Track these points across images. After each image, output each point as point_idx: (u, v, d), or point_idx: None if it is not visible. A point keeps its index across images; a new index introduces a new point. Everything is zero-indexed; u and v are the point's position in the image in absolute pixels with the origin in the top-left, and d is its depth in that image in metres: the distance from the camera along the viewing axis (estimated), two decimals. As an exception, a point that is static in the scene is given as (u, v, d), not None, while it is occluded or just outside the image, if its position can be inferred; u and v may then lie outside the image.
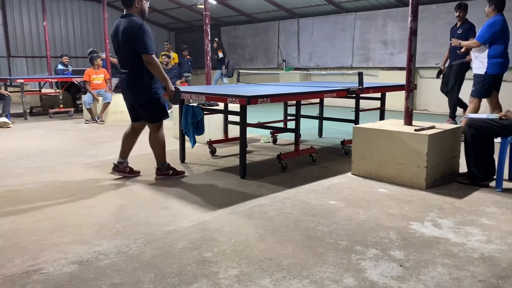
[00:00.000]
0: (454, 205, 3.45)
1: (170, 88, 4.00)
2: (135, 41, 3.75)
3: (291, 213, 3.27)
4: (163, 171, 4.24)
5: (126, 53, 3.89)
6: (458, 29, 6.87)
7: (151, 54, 3.78)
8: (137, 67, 3.86)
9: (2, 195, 3.76)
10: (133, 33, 3.75)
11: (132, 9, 3.90)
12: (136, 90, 3.97)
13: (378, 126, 4.29)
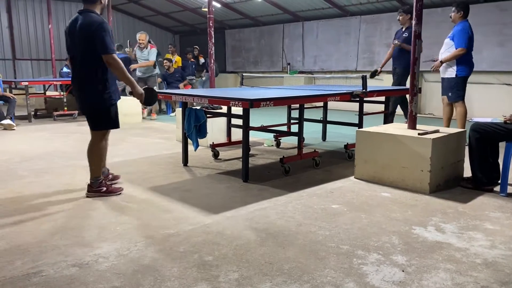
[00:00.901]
0: (457, 209, 3.42)
1: (137, 91, 3.67)
2: (93, 40, 3.42)
3: (293, 217, 3.25)
4: (95, 187, 3.76)
5: (80, 52, 3.52)
6: (404, 33, 6.99)
7: (112, 53, 3.46)
8: (90, 69, 3.52)
9: (5, 197, 3.77)
10: (91, 31, 3.42)
11: (95, 5, 3.58)
12: (87, 94, 3.61)
13: (382, 130, 4.27)
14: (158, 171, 4.74)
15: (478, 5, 9.11)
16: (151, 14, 15.62)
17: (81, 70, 3.57)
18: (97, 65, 3.49)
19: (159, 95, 5.54)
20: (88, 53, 3.47)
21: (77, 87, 3.66)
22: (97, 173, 3.76)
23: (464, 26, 5.76)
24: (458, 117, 5.94)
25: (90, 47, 3.45)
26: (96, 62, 3.48)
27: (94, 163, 3.76)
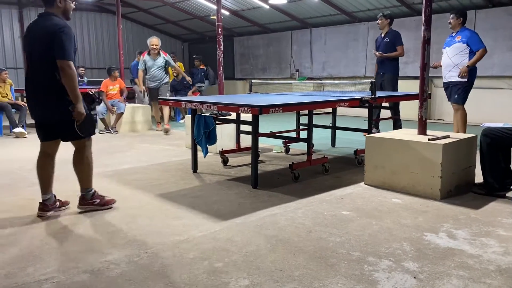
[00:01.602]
0: (469, 215, 3.38)
1: (79, 109, 3.22)
2: (53, 44, 3.12)
3: (303, 223, 3.24)
4: (88, 200, 3.55)
5: (39, 58, 3.23)
6: (385, 38, 7.10)
7: (68, 60, 3.14)
8: (49, 76, 3.20)
9: (17, 204, 3.81)
10: (50, 34, 3.13)
11: (53, 8, 3.28)
12: (51, 104, 3.26)
13: (391, 136, 4.25)
14: (167, 177, 4.75)
15: (487, 10, 9.08)
16: (160, 22, 15.76)
17: (43, 78, 3.23)
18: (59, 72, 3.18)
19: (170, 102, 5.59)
20: (49, 60, 3.16)
21: (36, 97, 3.31)
22: (88, 184, 3.54)
23: (470, 30, 5.97)
24: (461, 120, 5.95)
25: (50, 52, 3.15)
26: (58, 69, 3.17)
27: (83, 173, 3.51)
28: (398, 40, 7.01)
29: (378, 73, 7.24)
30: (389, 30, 7.13)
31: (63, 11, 3.35)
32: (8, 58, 13.59)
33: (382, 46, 7.10)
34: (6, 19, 13.57)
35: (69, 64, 3.15)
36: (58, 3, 3.29)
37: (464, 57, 5.90)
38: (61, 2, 3.30)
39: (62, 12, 3.33)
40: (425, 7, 4.04)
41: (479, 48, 5.79)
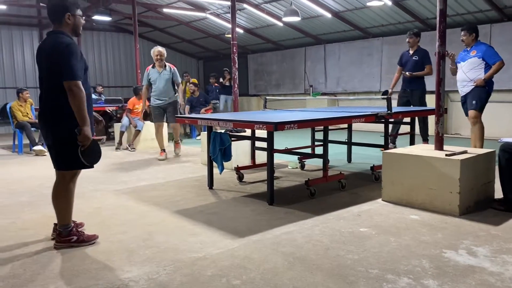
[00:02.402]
0: (490, 232, 3.33)
1: (85, 132, 3.02)
2: (59, 63, 2.97)
3: (320, 240, 3.22)
4: (64, 237, 3.19)
5: (47, 78, 3.09)
6: (414, 56, 7.16)
7: (76, 80, 2.96)
8: (57, 96, 3.03)
9: (37, 222, 3.88)
10: (57, 52, 2.98)
11: (61, 25, 3.11)
12: (52, 126, 3.10)
13: (408, 151, 4.23)
14: (184, 194, 4.79)
15: (502, 24, 9.03)
16: (176, 41, 16.04)
17: (48, 98, 3.10)
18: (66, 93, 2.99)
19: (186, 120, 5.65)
20: (56, 79, 2.99)
21: (43, 117, 3.15)
22: (66, 220, 3.21)
23: (485, 44, 5.98)
24: (478, 134, 5.88)
25: (57, 72, 2.98)
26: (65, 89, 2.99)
27: (61, 208, 3.21)
28: (427, 59, 7.06)
29: (405, 90, 7.24)
30: (418, 48, 7.18)
31: (73, 28, 3.17)
32: (29, 77, 13.95)
33: (411, 63, 7.15)
34: (27, 40, 13.96)
35: (76, 84, 2.96)
36: (66, 20, 3.10)
37: (479, 71, 5.87)
38: (69, 18, 3.11)
39: (71, 29, 3.16)
40: (439, 24, 4.05)
41: (495, 61, 5.76)
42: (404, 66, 7.31)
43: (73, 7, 3.13)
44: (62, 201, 3.21)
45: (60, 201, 3.21)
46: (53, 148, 3.16)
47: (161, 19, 13.73)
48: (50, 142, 3.17)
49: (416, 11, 9.81)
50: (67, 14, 3.09)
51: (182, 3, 12.17)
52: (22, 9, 13.18)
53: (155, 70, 7.14)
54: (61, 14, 3.09)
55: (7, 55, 13.57)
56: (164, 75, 7.11)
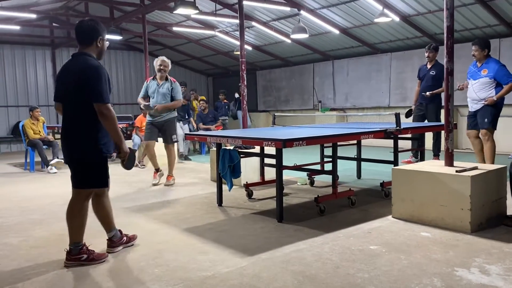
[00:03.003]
0: (502, 250, 3.28)
1: (124, 149, 3.22)
2: (86, 86, 3.07)
3: (330, 258, 3.20)
4: (74, 255, 3.22)
5: (72, 99, 3.17)
6: (431, 71, 7.16)
7: (106, 103, 3.08)
8: (81, 117, 3.14)
9: (49, 240, 3.90)
10: (86, 76, 3.07)
11: (90, 48, 3.22)
12: (75, 145, 3.20)
13: (418, 168, 4.20)
14: (193, 211, 4.80)
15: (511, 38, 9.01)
16: (185, 58, 16.23)
17: (72, 118, 3.20)
18: (91, 113, 3.11)
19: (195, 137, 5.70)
20: (81, 100, 3.11)
21: (66, 135, 3.25)
22: (77, 238, 3.25)
23: (497, 61, 5.88)
24: (489, 151, 5.82)
25: (83, 94, 3.09)
26: (90, 110, 3.11)
27: (74, 226, 3.26)
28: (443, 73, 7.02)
29: (421, 104, 7.24)
30: (436, 63, 7.18)
31: (100, 52, 3.30)
32: (41, 96, 14.17)
33: (428, 78, 7.15)
34: (40, 59, 14.23)
35: (106, 106, 3.08)
36: (97, 43, 3.24)
37: (490, 91, 5.77)
38: (99, 42, 3.25)
39: (98, 52, 3.29)
40: (446, 40, 4.07)
41: (509, 81, 5.64)
42: (422, 80, 7.27)
43: (103, 33, 3.27)
44: (76, 219, 3.27)
45: (74, 219, 3.27)
46: (72, 166, 3.26)
47: (171, 37, 13.93)
48: (69, 160, 3.27)
49: (424, 26, 9.84)
50: (99, 38, 3.23)
51: (192, 22, 12.35)
52: (35, 29, 13.47)
53: (155, 82, 6.39)
54: (93, 37, 3.21)
55: (20, 74, 13.82)
56: (163, 89, 6.28)
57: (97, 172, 3.25)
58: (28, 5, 11.02)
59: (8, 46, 13.50)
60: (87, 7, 12.31)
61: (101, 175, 3.27)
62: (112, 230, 3.53)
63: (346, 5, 9.58)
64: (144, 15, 9.99)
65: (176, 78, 7.03)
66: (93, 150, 3.17)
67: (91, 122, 3.14)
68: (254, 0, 9.46)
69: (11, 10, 10.32)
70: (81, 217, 3.28)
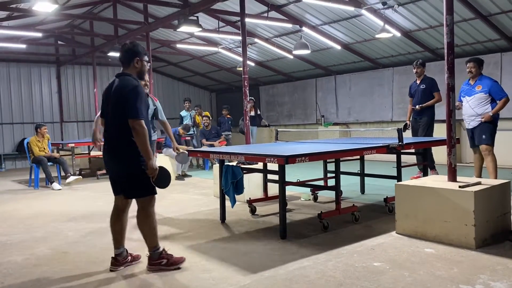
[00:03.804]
0: (507, 266, 3.25)
1: (151, 166, 3.31)
2: (125, 103, 3.28)
3: (333, 276, 3.18)
4: (155, 260, 3.44)
5: (114, 115, 3.38)
6: (421, 85, 7.22)
7: (139, 119, 3.25)
8: (124, 133, 3.32)
9: (52, 258, 3.90)
10: (124, 94, 3.30)
11: (129, 68, 3.48)
12: (121, 160, 3.39)
13: (421, 183, 4.20)
14: (196, 228, 4.79)
15: None
16: (189, 74, 16.37)
17: (116, 135, 3.39)
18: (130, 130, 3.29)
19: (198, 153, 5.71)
20: (122, 117, 3.29)
21: (111, 152, 3.45)
22: (154, 242, 3.45)
23: (490, 78, 6.04)
24: (491, 165, 5.85)
25: (122, 111, 3.29)
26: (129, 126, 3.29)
27: (147, 233, 3.46)
28: (435, 86, 7.13)
29: (416, 119, 7.28)
30: (424, 77, 7.26)
31: (139, 72, 3.52)
32: (46, 113, 14.27)
33: (419, 92, 7.21)
34: (45, 76, 14.37)
35: (139, 122, 3.24)
36: (135, 64, 3.47)
37: (486, 106, 5.90)
38: (137, 62, 3.48)
39: (137, 72, 3.51)
40: (447, 56, 4.10)
41: (502, 97, 5.81)
42: (413, 96, 7.35)
43: (141, 54, 3.50)
44: (146, 226, 3.45)
45: (145, 227, 3.45)
46: (124, 181, 3.43)
47: (174, 54, 14.07)
48: (117, 175, 3.47)
49: (425, 41, 9.91)
50: (136, 59, 3.47)
51: (195, 39, 12.49)
52: (40, 48, 13.65)
53: None
54: (131, 58, 3.46)
55: (26, 92, 13.95)
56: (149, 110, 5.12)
57: (145, 182, 3.37)
58: (34, 24, 11.19)
59: (14, 64, 13.67)
60: (92, 26, 12.49)
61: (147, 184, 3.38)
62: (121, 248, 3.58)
63: (347, 21, 9.68)
64: (148, 33, 10.11)
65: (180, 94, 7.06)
66: (136, 164, 3.33)
67: (131, 138, 3.30)
68: (256, 18, 9.58)
69: (17, 29, 10.48)
70: (152, 223, 3.45)
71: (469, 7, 7.94)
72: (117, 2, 10.70)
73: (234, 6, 9.35)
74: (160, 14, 11.15)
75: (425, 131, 7.07)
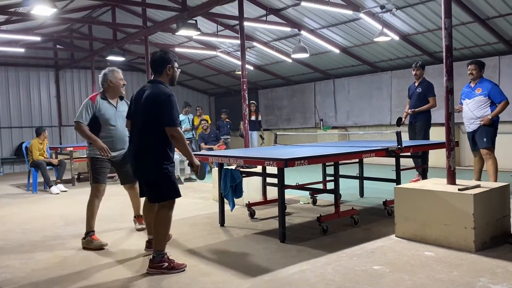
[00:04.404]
0: (507, 269, 3.25)
1: (195, 163, 3.55)
2: (159, 111, 3.36)
3: (333, 279, 3.17)
4: (157, 262, 3.45)
5: (143, 121, 3.47)
6: (418, 88, 7.22)
7: (176, 127, 3.39)
8: (150, 138, 3.44)
9: (51, 262, 3.89)
10: (159, 102, 3.36)
11: (161, 76, 3.54)
12: (145, 164, 3.49)
13: (420, 186, 4.20)
14: (195, 232, 4.78)
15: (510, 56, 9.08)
16: (188, 78, 16.38)
17: (143, 139, 3.48)
18: (159, 135, 3.40)
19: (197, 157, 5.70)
20: (152, 123, 3.40)
21: (137, 156, 3.53)
22: (162, 246, 3.49)
23: (490, 81, 6.05)
24: (492, 168, 5.85)
25: (155, 118, 3.38)
26: (159, 132, 3.39)
27: (161, 235, 3.51)
28: (430, 91, 7.11)
29: (411, 123, 7.28)
30: (423, 80, 7.26)
31: (171, 79, 3.60)
32: (44, 117, 14.25)
33: (415, 96, 7.22)
34: (43, 80, 14.36)
35: (176, 129, 3.38)
36: (167, 71, 3.54)
37: (486, 109, 5.92)
38: (169, 70, 3.55)
39: (169, 80, 3.59)
40: (445, 59, 4.11)
41: (501, 100, 5.83)
42: (411, 99, 7.36)
43: (172, 61, 3.57)
44: (162, 229, 3.50)
45: (161, 229, 3.50)
46: (148, 185, 3.55)
47: (173, 58, 14.08)
48: (142, 178, 3.61)
49: (423, 45, 9.94)
50: (168, 66, 3.54)
51: (194, 43, 12.51)
52: (39, 52, 13.66)
53: (106, 102, 4.51)
54: (163, 65, 3.52)
55: (24, 96, 13.94)
56: (122, 112, 4.43)
57: (166, 187, 3.48)
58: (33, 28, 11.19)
59: (13, 68, 13.67)
60: (90, 30, 12.50)
61: (169, 188, 3.49)
62: None
63: (345, 25, 9.70)
64: (147, 37, 10.13)
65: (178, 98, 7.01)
66: (160, 169, 3.44)
67: (160, 143, 3.43)
68: (255, 21, 9.60)
69: (16, 34, 10.48)
70: (168, 226, 3.53)
71: (467, 11, 7.97)
72: (116, 6, 10.72)
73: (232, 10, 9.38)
74: (158, 18, 11.17)
75: (421, 136, 7.07)
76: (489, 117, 5.85)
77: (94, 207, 4.48)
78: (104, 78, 4.58)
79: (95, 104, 4.45)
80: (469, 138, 6.21)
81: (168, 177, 3.47)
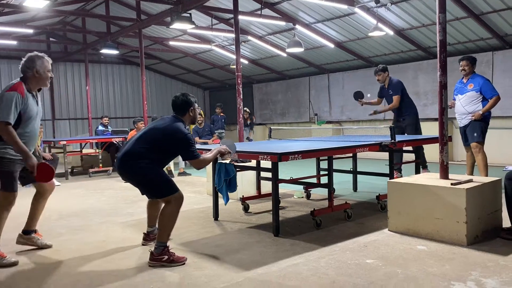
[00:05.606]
0: (498, 262, 3.28)
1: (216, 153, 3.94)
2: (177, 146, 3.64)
3: (326, 273, 3.19)
4: (157, 255, 3.49)
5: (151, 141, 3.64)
6: (389, 90, 7.29)
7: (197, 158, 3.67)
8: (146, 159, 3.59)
9: (44, 255, 3.88)
10: (176, 139, 3.61)
11: (184, 116, 3.81)
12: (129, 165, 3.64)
13: (413, 181, 4.22)
14: (189, 226, 4.78)
15: (504, 51, 9.13)
16: (182, 72, 16.33)
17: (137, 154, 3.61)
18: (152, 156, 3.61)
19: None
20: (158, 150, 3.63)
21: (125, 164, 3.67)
22: (165, 238, 3.56)
23: (482, 77, 6.08)
24: (482, 163, 5.89)
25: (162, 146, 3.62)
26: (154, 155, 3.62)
27: (166, 228, 3.59)
28: (395, 90, 7.13)
29: (398, 120, 7.28)
30: (389, 81, 7.29)
31: (192, 118, 3.89)
32: (37, 110, 14.19)
33: (388, 98, 7.28)
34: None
35: (197, 161, 3.66)
36: (189, 113, 3.83)
37: (477, 104, 5.95)
38: (191, 111, 3.84)
39: (190, 120, 3.89)
40: (439, 54, 4.12)
41: (492, 95, 5.86)
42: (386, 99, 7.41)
43: (193, 103, 3.87)
44: (170, 221, 3.60)
45: (168, 221, 3.60)
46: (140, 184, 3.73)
47: (167, 51, 14.02)
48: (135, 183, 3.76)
49: (418, 40, 9.96)
50: (190, 108, 3.83)
51: (188, 36, 12.45)
52: (32, 44, 13.53)
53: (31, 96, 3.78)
54: (186, 109, 3.82)
55: (17, 89, 13.85)
56: (40, 107, 3.98)
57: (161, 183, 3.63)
58: (25, 20, 11.09)
59: (5, 60, 13.55)
60: (84, 22, 12.40)
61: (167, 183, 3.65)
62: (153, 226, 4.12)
63: (340, 20, 9.70)
64: (141, 30, 10.06)
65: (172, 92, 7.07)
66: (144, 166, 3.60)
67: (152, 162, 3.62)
68: (249, 15, 9.56)
69: (8, 26, 10.37)
70: (175, 219, 3.62)
71: (461, 6, 7.99)
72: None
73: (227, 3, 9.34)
74: (152, 11, 11.10)
75: (415, 129, 7.07)
76: (480, 112, 5.88)
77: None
78: (29, 65, 3.79)
79: (24, 99, 3.61)
80: (461, 133, 6.25)
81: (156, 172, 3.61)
